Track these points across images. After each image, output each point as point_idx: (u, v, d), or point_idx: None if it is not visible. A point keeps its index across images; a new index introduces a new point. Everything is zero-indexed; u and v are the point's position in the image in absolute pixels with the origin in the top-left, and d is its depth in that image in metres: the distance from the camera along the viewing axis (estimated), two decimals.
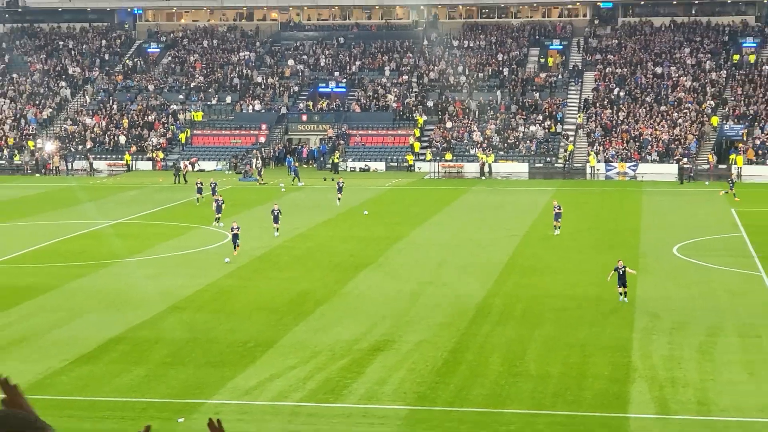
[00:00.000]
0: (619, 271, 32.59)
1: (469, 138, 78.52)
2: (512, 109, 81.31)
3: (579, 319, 31.07)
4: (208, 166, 77.30)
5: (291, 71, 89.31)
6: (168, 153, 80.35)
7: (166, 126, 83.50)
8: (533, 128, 78.89)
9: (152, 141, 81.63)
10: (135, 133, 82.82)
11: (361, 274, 37.98)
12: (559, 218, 45.67)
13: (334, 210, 54.50)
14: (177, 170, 69.99)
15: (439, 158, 76.42)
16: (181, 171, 69.71)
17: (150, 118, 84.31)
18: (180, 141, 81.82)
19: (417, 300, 33.81)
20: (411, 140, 79.11)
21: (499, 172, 74.41)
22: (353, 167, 76.66)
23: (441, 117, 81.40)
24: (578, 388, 24.77)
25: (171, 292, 34.90)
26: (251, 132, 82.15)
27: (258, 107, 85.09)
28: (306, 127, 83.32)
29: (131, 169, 78.21)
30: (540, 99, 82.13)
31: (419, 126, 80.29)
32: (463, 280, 36.60)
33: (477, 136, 78.26)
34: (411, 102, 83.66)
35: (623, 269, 32.63)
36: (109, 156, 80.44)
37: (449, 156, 76.63)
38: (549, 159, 76.53)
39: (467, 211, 55.09)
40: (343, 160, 77.05)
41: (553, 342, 28.69)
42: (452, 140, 78.53)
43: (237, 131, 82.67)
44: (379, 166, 77.22)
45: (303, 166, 74.81)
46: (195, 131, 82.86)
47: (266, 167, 75.06)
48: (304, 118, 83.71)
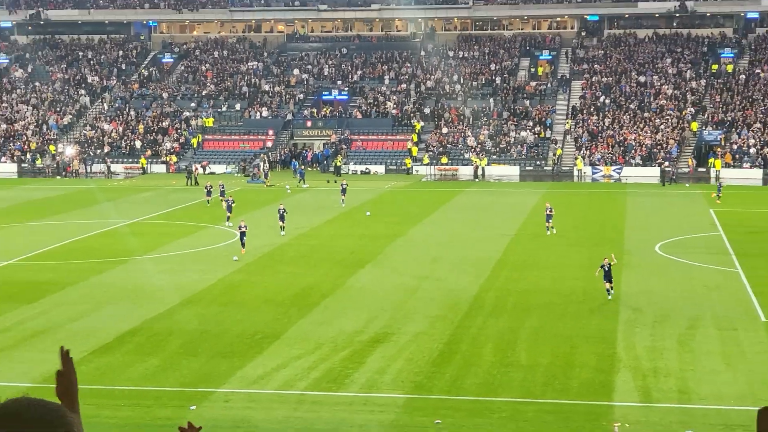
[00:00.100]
0: (605, 268, 32.49)
1: (464, 143, 78.48)
2: (504, 116, 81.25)
3: (566, 312, 31.06)
4: (219, 169, 77.22)
5: (296, 80, 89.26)
6: (181, 157, 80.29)
7: (179, 131, 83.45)
8: (524, 133, 78.83)
9: (166, 145, 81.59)
10: (150, 138, 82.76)
11: (362, 270, 37.96)
12: (551, 219, 45.61)
13: (337, 210, 54.50)
14: (189, 173, 69.98)
15: (436, 162, 76.38)
16: (193, 174, 69.70)
17: (164, 124, 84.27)
18: (192, 145, 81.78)
19: (414, 294, 33.79)
20: (409, 145, 79.06)
21: (492, 175, 74.35)
22: (355, 170, 76.62)
23: (437, 123, 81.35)
24: (566, 378, 24.74)
25: (183, 287, 34.88)
26: (259, 137, 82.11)
27: (265, 114, 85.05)
28: (310, 133, 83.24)
29: (146, 172, 78.18)
30: (530, 106, 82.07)
31: (417, 131, 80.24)
32: (458, 276, 36.56)
33: (471, 141, 78.23)
34: (409, 109, 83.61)
35: (609, 266, 32.52)
36: (126, 160, 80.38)
37: (445, 159, 76.61)
38: (539, 162, 76.47)
39: (462, 211, 55.06)
40: (345, 164, 77.05)
41: (542, 334, 28.67)
42: (448, 145, 78.48)
43: (246, 136, 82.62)
44: (379, 169, 77.16)
45: (308, 169, 74.75)
46: (206, 136, 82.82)
47: (273, 170, 74.99)
48: (309, 124, 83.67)
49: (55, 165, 79.35)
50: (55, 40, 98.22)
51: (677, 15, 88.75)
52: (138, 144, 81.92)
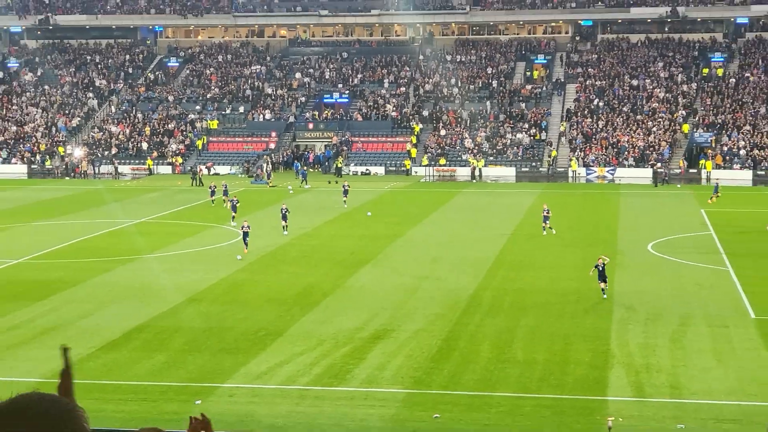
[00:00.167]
0: (599, 267, 32.39)
1: (461, 144, 78.45)
2: (500, 118, 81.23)
3: (562, 311, 31.05)
4: (223, 170, 77.18)
5: (298, 83, 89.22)
6: (186, 158, 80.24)
7: (185, 133, 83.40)
8: (520, 135, 78.81)
9: (172, 147, 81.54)
10: (156, 140, 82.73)
11: (363, 269, 37.94)
12: (548, 220, 45.48)
13: (338, 210, 54.45)
14: (194, 174, 69.96)
15: (434, 163, 76.36)
16: (198, 174, 69.68)
17: (170, 126, 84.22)
18: (197, 147, 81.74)
19: (414, 293, 33.77)
20: (408, 146, 79.03)
21: (489, 176, 74.31)
22: (355, 171, 76.57)
23: (435, 125, 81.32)
24: (561, 374, 24.75)
25: (188, 285, 34.88)
26: (262, 139, 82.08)
27: (268, 116, 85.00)
28: (312, 135, 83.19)
29: (153, 173, 78.13)
30: (526, 109, 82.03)
31: (415, 133, 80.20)
32: (456, 275, 36.55)
33: (468, 143, 78.18)
34: (408, 111, 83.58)
35: (603, 266, 32.40)
36: (133, 161, 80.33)
37: (443, 161, 76.58)
38: (534, 164, 76.44)
39: (460, 212, 55.03)
40: (346, 165, 77.02)
41: (539, 331, 28.67)
42: (446, 146, 78.45)
43: (249, 138, 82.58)
44: (379, 170, 77.13)
45: (309, 170, 74.72)
46: (211, 138, 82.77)
47: (276, 171, 74.97)
48: (311, 126, 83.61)
49: (64, 166, 79.29)
50: (64, 45, 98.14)
51: (669, 20, 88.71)
52: (144, 146, 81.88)
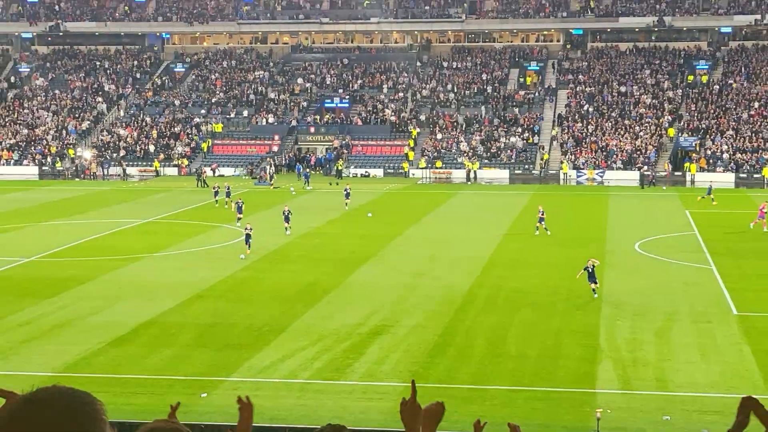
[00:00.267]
0: (589, 269, 32.25)
1: (457, 148, 78.49)
2: (495, 123, 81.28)
3: (553, 307, 31.12)
4: (227, 172, 77.21)
5: (300, 88, 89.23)
6: (192, 160, 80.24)
7: (190, 136, 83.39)
8: (513, 139, 78.87)
9: (178, 149, 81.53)
10: (163, 143, 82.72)
11: (363, 267, 37.97)
12: (543, 221, 45.45)
13: (339, 211, 54.45)
14: (199, 175, 69.98)
15: (431, 165, 76.43)
16: (202, 176, 69.71)
17: (176, 130, 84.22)
18: (202, 150, 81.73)
19: (411, 290, 33.83)
20: (406, 149, 79.08)
21: (483, 178, 74.37)
22: (355, 173, 76.60)
23: (432, 129, 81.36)
24: (552, 368, 24.83)
25: (195, 283, 34.90)
26: (265, 142, 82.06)
27: (271, 120, 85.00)
28: (314, 138, 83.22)
29: (159, 175, 78.10)
30: (519, 114, 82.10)
31: (413, 137, 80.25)
32: (452, 273, 36.60)
33: (464, 146, 78.24)
34: (406, 116, 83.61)
35: (593, 268, 32.21)
36: (140, 163, 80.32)
37: (439, 163, 76.63)
38: (527, 166, 76.50)
39: (455, 212, 55.07)
40: (347, 167, 77.05)
41: (531, 327, 28.75)
42: (442, 150, 78.50)
43: (253, 141, 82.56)
44: (378, 173, 77.16)
45: (312, 173, 74.73)
46: (216, 141, 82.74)
47: (278, 173, 75.01)
48: (312, 130, 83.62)
49: (74, 168, 79.29)
50: (74, 51, 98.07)
51: (656, 29, 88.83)
52: (152, 148, 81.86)
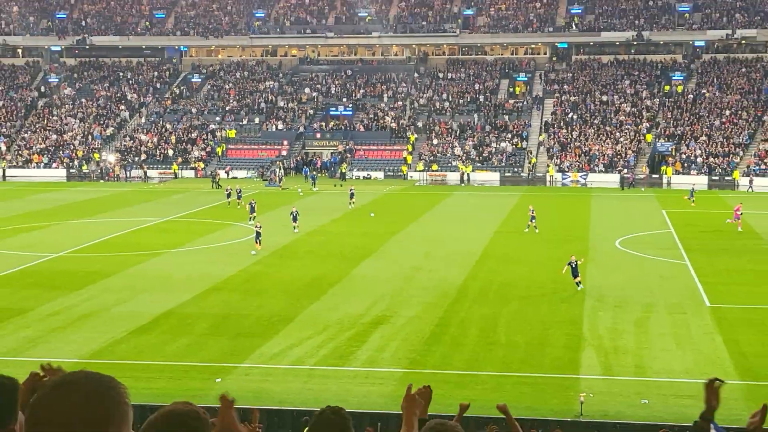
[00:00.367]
0: (572, 265, 32.28)
1: (452, 152, 78.47)
2: (486, 129, 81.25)
3: (540, 299, 31.13)
4: (240, 174, 77.21)
5: (307, 97, 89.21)
6: (207, 164, 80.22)
7: (206, 141, 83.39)
8: (503, 144, 78.85)
9: (195, 154, 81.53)
10: (181, 147, 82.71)
11: (365, 262, 37.98)
12: (534, 220, 45.50)
13: (343, 210, 54.47)
14: (214, 178, 69.95)
15: (428, 168, 76.40)
16: (216, 178, 69.69)
17: (193, 135, 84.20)
18: (217, 154, 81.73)
19: (409, 283, 33.83)
20: (404, 154, 79.05)
21: (476, 180, 74.35)
22: (358, 175, 76.58)
23: (429, 135, 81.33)
24: (540, 355, 24.84)
25: (210, 276, 34.91)
26: (275, 146, 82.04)
27: (281, 126, 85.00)
28: (319, 143, 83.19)
29: (177, 177, 78.09)
30: (509, 121, 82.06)
31: (411, 142, 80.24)
32: (447, 267, 36.60)
33: (458, 151, 78.22)
34: (405, 123, 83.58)
35: (576, 264, 32.28)
36: (160, 166, 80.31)
37: (435, 167, 76.60)
38: (516, 169, 76.48)
39: (450, 212, 55.07)
40: (350, 170, 77.03)
41: (520, 318, 28.76)
42: (438, 154, 78.48)
43: (263, 146, 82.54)
44: (379, 175, 77.15)
45: (318, 175, 74.71)
46: (229, 146, 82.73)
47: (287, 175, 74.99)
48: (318, 136, 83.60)
49: (99, 170, 79.31)
50: (99, 63, 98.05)
51: (635, 43, 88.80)
52: (170, 152, 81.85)
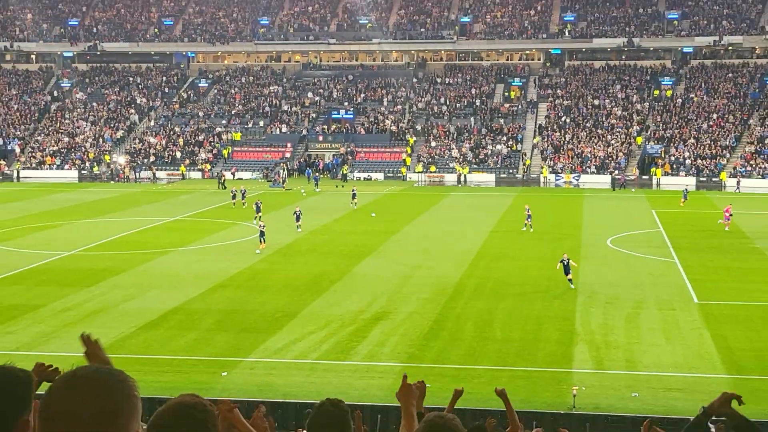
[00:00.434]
0: (564, 263, 32.29)
1: (449, 154, 78.46)
2: (482, 132, 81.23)
3: (534, 296, 31.12)
4: (245, 176, 77.19)
5: (310, 101, 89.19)
6: (214, 165, 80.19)
7: (213, 144, 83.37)
8: (499, 147, 78.83)
9: (201, 156, 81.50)
10: (188, 150, 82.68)
11: (365, 260, 37.96)
12: (530, 219, 45.56)
13: (345, 210, 54.45)
14: (220, 179, 69.93)
15: (426, 170, 76.37)
16: (222, 179, 69.69)
17: (200, 138, 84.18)
18: (223, 156, 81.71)
19: (408, 280, 33.82)
20: (404, 156, 79.01)
21: (473, 181, 74.31)
22: (358, 177, 76.55)
23: (427, 138, 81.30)
24: (534, 349, 24.83)
25: (216, 274, 34.90)
26: (279, 149, 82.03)
27: (284, 129, 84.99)
28: (322, 145, 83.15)
29: (185, 178, 78.07)
30: (504, 124, 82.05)
31: (410, 145, 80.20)
32: (444, 265, 36.57)
33: (455, 153, 78.20)
34: (404, 126, 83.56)
35: (567, 261, 32.33)
36: (168, 167, 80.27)
37: (433, 168, 76.56)
38: (511, 171, 76.46)
39: (447, 211, 55.04)
40: (351, 171, 76.99)
41: (514, 313, 28.74)
42: (436, 156, 78.45)
43: (268, 148, 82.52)
44: (379, 176, 77.12)
45: (321, 176, 74.66)
46: (235, 148, 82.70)
47: (290, 177, 74.97)
48: (321, 138, 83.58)
49: (110, 172, 79.29)
50: (110, 68, 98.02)
51: (625, 49, 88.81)
52: (178, 154, 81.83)
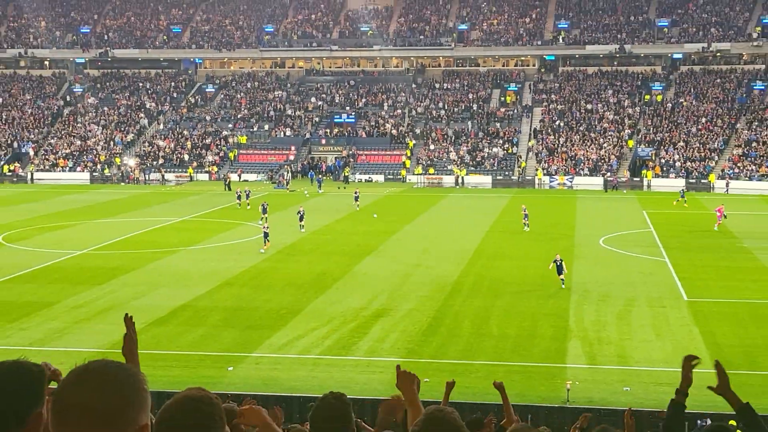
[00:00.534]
0: (557, 263, 32.21)
1: (447, 157, 78.44)
2: (479, 135, 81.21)
3: (529, 293, 31.11)
4: (250, 178, 77.18)
5: (313, 106, 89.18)
6: (220, 167, 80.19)
7: (219, 147, 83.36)
8: (495, 149, 78.80)
9: (208, 158, 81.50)
10: (196, 152, 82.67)
11: (366, 259, 37.96)
12: (527, 218, 45.61)
13: (347, 211, 54.44)
14: (226, 181, 69.90)
15: (425, 172, 76.34)
16: (228, 181, 69.67)
17: (207, 141, 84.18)
18: (229, 158, 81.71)
19: (407, 278, 33.81)
20: (403, 158, 78.99)
21: (470, 183, 74.29)
22: (360, 179, 76.53)
23: (426, 141, 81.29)
24: (529, 345, 24.82)
25: (222, 272, 34.91)
26: (283, 151, 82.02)
27: (288, 133, 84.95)
28: (324, 148, 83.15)
29: (193, 180, 78.08)
30: (500, 128, 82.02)
31: (410, 148, 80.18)
32: (443, 264, 36.58)
33: (453, 156, 78.18)
34: (403, 129, 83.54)
35: (560, 261, 32.22)
36: (176, 169, 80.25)
37: (432, 170, 76.53)
38: (507, 173, 76.43)
39: (445, 212, 55.05)
40: (353, 173, 76.98)
41: (510, 310, 28.73)
42: (434, 158, 78.43)
43: (272, 151, 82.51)
44: (379, 178, 77.09)
45: (324, 178, 74.66)
46: (241, 151, 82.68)
47: (294, 178, 74.97)
48: (323, 141, 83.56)
49: (120, 174, 79.30)
50: (120, 74, 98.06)
51: (617, 55, 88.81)
52: (186, 157, 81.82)
